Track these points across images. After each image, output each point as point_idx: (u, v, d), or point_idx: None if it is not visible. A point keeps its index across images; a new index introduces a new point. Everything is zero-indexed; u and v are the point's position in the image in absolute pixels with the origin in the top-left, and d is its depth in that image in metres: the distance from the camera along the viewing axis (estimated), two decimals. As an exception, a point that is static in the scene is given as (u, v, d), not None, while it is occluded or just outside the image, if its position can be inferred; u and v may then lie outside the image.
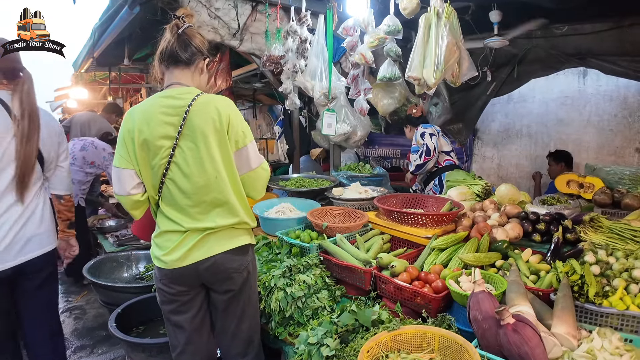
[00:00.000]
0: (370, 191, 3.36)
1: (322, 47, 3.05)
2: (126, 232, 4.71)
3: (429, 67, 2.43)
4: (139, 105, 1.93)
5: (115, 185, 1.92)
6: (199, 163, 1.85)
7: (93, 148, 4.67)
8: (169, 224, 1.92)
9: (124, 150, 1.87)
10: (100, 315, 4.08)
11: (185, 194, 1.88)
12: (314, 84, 3.05)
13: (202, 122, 1.84)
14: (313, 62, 3.06)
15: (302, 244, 2.63)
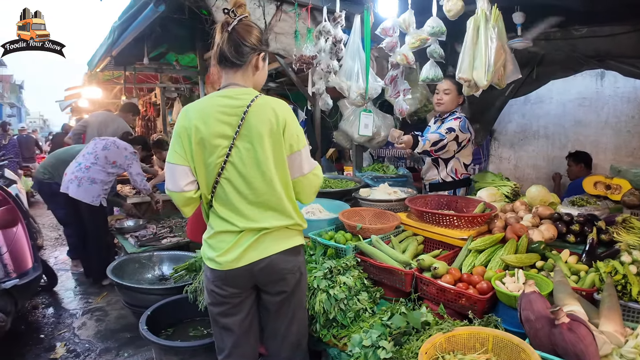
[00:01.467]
0: (399, 192, 3.33)
1: (358, 47, 3.02)
2: (146, 232, 4.69)
3: (480, 69, 2.41)
4: (195, 104, 1.90)
5: (169, 182, 1.87)
6: (255, 164, 1.83)
7: (115, 148, 4.64)
8: (222, 224, 1.88)
9: (180, 147, 1.83)
10: (122, 317, 4.05)
11: (240, 194, 1.85)
12: (350, 84, 3.02)
13: (259, 123, 1.82)
14: (348, 63, 3.03)
15: (338, 245, 2.60)
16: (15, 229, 3.99)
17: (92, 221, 4.56)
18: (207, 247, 1.95)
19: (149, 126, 9.83)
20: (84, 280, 5.05)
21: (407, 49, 2.80)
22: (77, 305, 4.41)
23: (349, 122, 3.91)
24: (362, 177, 3.87)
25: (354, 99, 3.11)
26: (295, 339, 2.06)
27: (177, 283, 3.36)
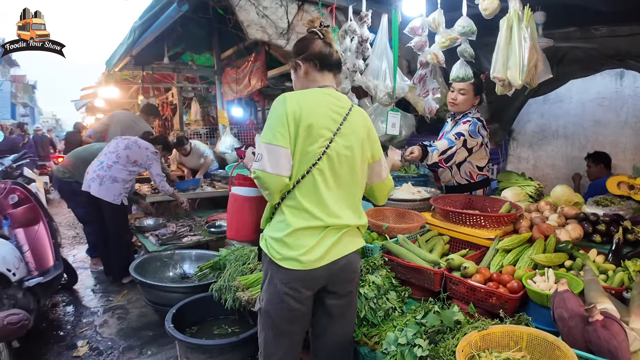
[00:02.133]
0: (423, 192, 3.32)
1: (386, 46, 3.02)
2: (166, 231, 4.71)
3: (513, 69, 2.40)
4: (299, 93, 1.90)
5: (269, 164, 1.77)
6: (348, 161, 1.89)
7: (137, 147, 4.67)
8: (305, 220, 1.83)
9: (285, 130, 1.79)
10: (143, 315, 4.07)
11: (329, 188, 1.86)
12: (377, 83, 3.02)
13: (358, 126, 1.95)
14: (375, 62, 3.02)
15: (365, 244, 2.59)
16: (37, 227, 4.03)
17: (113, 220, 4.59)
18: (282, 246, 1.84)
19: (166, 125, 9.89)
20: (104, 278, 5.08)
21: (437, 48, 2.79)
22: (98, 303, 4.44)
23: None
24: (383, 177, 3.86)
25: (381, 98, 3.10)
26: (349, 339, 2.09)
27: (200, 281, 3.37)
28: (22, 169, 4.76)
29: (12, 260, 3.26)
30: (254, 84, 6.15)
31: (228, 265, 3.07)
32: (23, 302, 3.34)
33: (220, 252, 3.37)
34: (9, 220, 3.77)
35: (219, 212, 5.95)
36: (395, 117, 3.27)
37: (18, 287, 3.32)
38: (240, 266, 2.94)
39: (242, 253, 3.08)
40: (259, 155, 1.80)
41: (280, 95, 1.88)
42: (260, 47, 5.92)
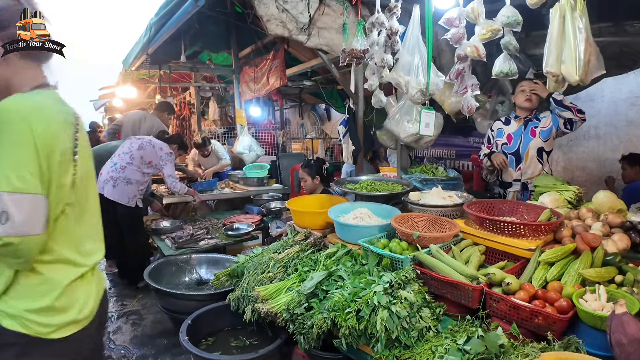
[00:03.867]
0: (455, 197, 3.10)
1: (418, 39, 2.81)
2: (182, 233, 4.57)
3: (568, 63, 2.18)
4: (32, 101, 1.46)
5: (22, 224, 1.29)
6: (90, 183, 1.61)
7: (150, 147, 4.54)
8: (71, 269, 1.51)
9: (36, 165, 1.35)
10: (158, 322, 3.92)
11: (80, 223, 1.54)
12: (408, 79, 2.81)
13: (85, 138, 1.58)
14: (405, 57, 2.82)
15: (395, 255, 2.39)
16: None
17: (127, 222, 4.47)
18: (54, 314, 1.43)
19: (184, 125, 9.79)
20: (119, 281, 4.96)
21: (477, 41, 2.57)
22: (112, 307, 4.31)
23: (395, 121, 3.69)
24: (410, 180, 3.65)
25: (413, 95, 2.89)
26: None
27: (217, 289, 3.21)
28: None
29: None
30: (272, 83, 5.98)
31: (246, 273, 2.90)
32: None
33: (238, 258, 3.20)
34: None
35: (236, 213, 5.80)
36: (429, 115, 3.06)
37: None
38: (259, 275, 2.76)
39: (261, 260, 2.90)
40: (3, 214, 1.26)
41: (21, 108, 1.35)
42: (279, 45, 5.75)
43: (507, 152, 3.68)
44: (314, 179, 4.22)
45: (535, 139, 3.61)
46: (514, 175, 3.68)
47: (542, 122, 3.63)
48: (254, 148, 7.12)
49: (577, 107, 3.37)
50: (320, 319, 2.09)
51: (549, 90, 2.88)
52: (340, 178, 5.90)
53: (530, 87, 3.56)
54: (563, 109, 3.36)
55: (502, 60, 2.58)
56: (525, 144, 3.65)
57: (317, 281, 2.33)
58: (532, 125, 3.65)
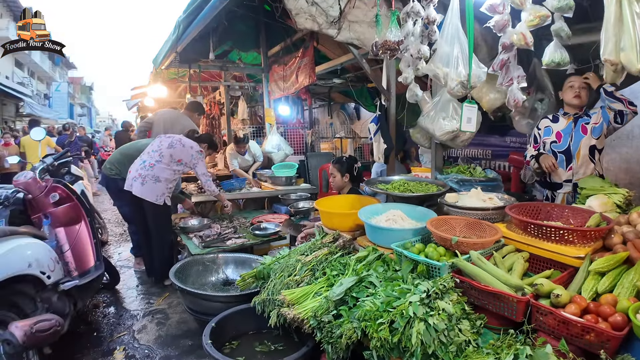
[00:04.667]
0: (495, 199, 2.90)
1: (457, 29, 2.63)
2: (210, 232, 4.50)
3: (629, 51, 1.97)
4: None
5: None
6: None
7: (181, 146, 4.48)
8: None
9: None
10: (183, 322, 3.85)
11: None
12: (447, 71, 2.63)
13: None
14: (443, 48, 2.64)
15: (431, 262, 2.22)
16: (78, 226, 3.90)
17: (155, 220, 4.42)
18: None
19: (214, 125, 9.80)
20: (146, 279, 4.94)
21: (525, 28, 2.38)
22: (138, 306, 4.27)
23: (430, 118, 3.50)
24: (446, 180, 3.47)
25: (452, 88, 2.71)
26: None
27: (242, 291, 3.10)
28: (69, 167, 4.66)
29: (46, 263, 3.10)
30: (301, 81, 5.87)
31: (272, 276, 2.78)
32: (58, 305, 3.19)
33: (264, 259, 3.08)
34: (49, 219, 3.64)
35: (264, 213, 5.72)
36: (471, 110, 2.87)
37: (53, 290, 3.17)
38: (286, 278, 2.64)
39: (288, 262, 2.78)
40: None
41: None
42: (308, 42, 5.63)
43: (556, 150, 3.46)
44: (343, 176, 4.08)
45: (587, 137, 3.40)
46: (564, 175, 3.45)
47: (593, 118, 3.41)
48: (283, 147, 7.03)
49: (628, 99, 3.14)
50: (349, 328, 1.95)
51: (606, 81, 2.66)
52: (370, 178, 5.77)
53: (580, 83, 3.36)
54: (614, 101, 3.13)
55: (552, 48, 2.37)
56: (577, 142, 3.43)
57: (346, 287, 2.19)
58: (582, 122, 3.44)
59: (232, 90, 8.32)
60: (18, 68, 26.97)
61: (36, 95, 29.25)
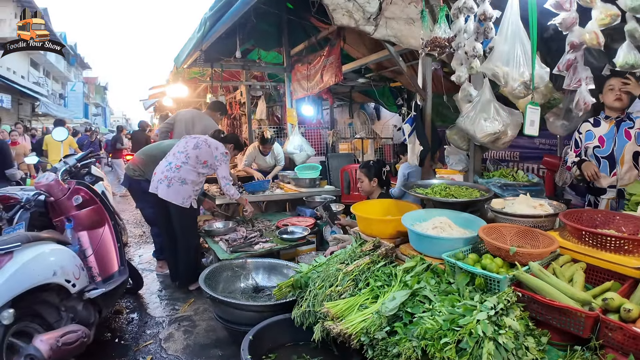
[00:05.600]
0: (546, 205, 2.73)
1: (517, 26, 2.46)
2: (235, 236, 4.36)
3: None
4: None
5: None
6: None
7: (206, 147, 4.35)
8: None
9: None
10: (211, 330, 3.71)
11: None
12: (507, 70, 2.47)
13: None
14: (502, 45, 2.47)
15: (491, 274, 2.06)
16: (102, 230, 3.80)
17: (181, 223, 4.29)
18: None
19: (235, 125, 9.69)
20: (169, 283, 4.81)
21: (596, 27, 2.20)
22: (163, 312, 4.15)
23: (470, 119, 3.32)
24: (488, 185, 3.30)
25: (514, 89, 2.55)
26: None
27: (278, 300, 2.97)
28: (89, 168, 4.56)
29: (71, 270, 2.98)
30: (326, 80, 5.72)
31: (311, 285, 2.63)
32: (83, 315, 3.07)
33: (300, 267, 2.94)
34: (72, 222, 3.53)
35: (287, 215, 5.59)
36: (534, 112, 2.69)
37: (78, 299, 3.06)
38: (327, 288, 2.49)
39: (328, 272, 2.63)
40: None
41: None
42: (334, 40, 5.48)
43: (599, 155, 3.30)
44: (371, 181, 3.95)
45: (632, 143, 3.24)
46: (608, 181, 3.28)
47: (637, 123, 3.25)
48: (305, 148, 6.90)
49: None
50: (409, 347, 1.80)
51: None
52: (396, 181, 5.60)
53: (620, 85, 3.20)
54: None
55: (626, 49, 2.20)
56: (620, 147, 3.26)
57: (400, 302, 2.03)
58: (625, 127, 3.28)
59: (254, 90, 8.20)
60: (33, 68, 27.19)
61: (51, 95, 29.48)
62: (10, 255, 2.60)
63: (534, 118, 2.64)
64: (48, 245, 2.95)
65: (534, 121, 2.65)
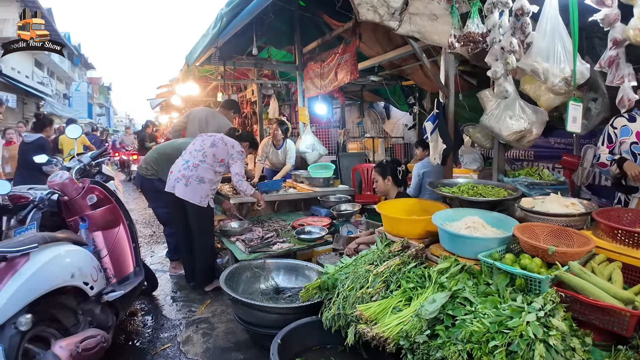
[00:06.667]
0: (578, 204, 2.66)
1: (557, 20, 2.39)
2: (252, 236, 4.30)
3: None
4: None
5: None
6: None
7: (223, 144, 4.29)
8: None
9: None
10: (231, 332, 3.64)
11: None
12: (547, 66, 2.40)
13: None
14: (540, 41, 2.40)
15: (533, 275, 1.99)
16: (117, 229, 3.73)
17: (198, 223, 4.22)
18: None
19: (246, 123, 9.63)
20: (184, 284, 4.75)
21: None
22: (179, 314, 4.08)
23: (495, 117, 3.27)
24: (514, 183, 3.23)
25: (555, 85, 2.48)
26: None
27: (304, 302, 2.90)
28: (100, 166, 4.50)
29: (89, 272, 2.90)
30: (341, 78, 5.65)
31: (340, 287, 2.57)
32: (101, 318, 2.98)
33: (326, 268, 2.88)
34: (86, 222, 3.46)
35: (300, 215, 5.52)
36: (577, 109, 2.63)
37: (96, 302, 2.96)
38: (358, 290, 2.43)
39: (357, 273, 2.57)
40: None
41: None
42: (350, 38, 5.41)
43: (637, 152, 3.22)
44: (385, 180, 3.88)
45: None
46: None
47: None
48: (317, 147, 6.83)
49: None
50: (454, 351, 1.74)
51: None
52: (410, 180, 5.53)
53: None
54: None
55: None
56: None
57: (440, 304, 1.97)
58: None
59: (265, 88, 8.13)
60: (38, 68, 27.16)
61: (56, 95, 29.47)
62: (27, 257, 2.48)
63: (576, 115, 2.58)
64: (65, 246, 2.85)
65: (576, 118, 2.58)
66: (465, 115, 5.84)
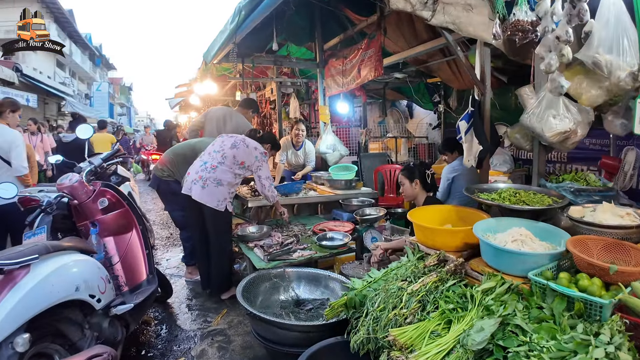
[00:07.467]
0: (633, 214, 2.37)
1: (620, 9, 2.11)
2: (271, 242, 4.07)
3: None
4: None
5: None
6: None
7: (244, 146, 4.08)
8: None
9: None
10: (248, 346, 3.41)
11: None
12: (610, 59, 2.12)
13: None
14: (601, 31, 2.12)
15: (595, 299, 1.72)
16: (129, 235, 3.56)
17: (215, 228, 4.01)
18: None
19: (265, 123, 9.43)
20: (200, 291, 4.55)
21: None
22: (194, 324, 3.87)
23: (536, 117, 2.98)
24: (559, 190, 2.94)
25: (620, 79, 2.20)
26: None
27: (328, 320, 2.66)
28: (115, 168, 4.34)
29: (96, 283, 2.71)
30: (364, 75, 5.39)
31: (369, 306, 2.32)
32: (108, 332, 2.78)
33: (352, 282, 2.64)
34: (97, 227, 3.28)
35: (320, 219, 5.28)
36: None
37: (103, 315, 2.77)
38: (390, 311, 2.17)
39: (388, 291, 2.31)
40: None
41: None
42: (375, 32, 5.15)
43: None
44: (412, 183, 3.61)
45: None
46: None
47: None
48: (338, 147, 6.60)
49: None
50: (509, 393, 1.47)
51: None
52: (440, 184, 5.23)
53: None
54: None
55: None
56: None
57: (489, 332, 1.70)
58: None
59: (284, 87, 7.91)
60: (59, 68, 27.49)
61: (77, 95, 29.81)
62: (27, 269, 2.29)
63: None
64: (70, 255, 2.66)
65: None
66: (495, 115, 5.53)
